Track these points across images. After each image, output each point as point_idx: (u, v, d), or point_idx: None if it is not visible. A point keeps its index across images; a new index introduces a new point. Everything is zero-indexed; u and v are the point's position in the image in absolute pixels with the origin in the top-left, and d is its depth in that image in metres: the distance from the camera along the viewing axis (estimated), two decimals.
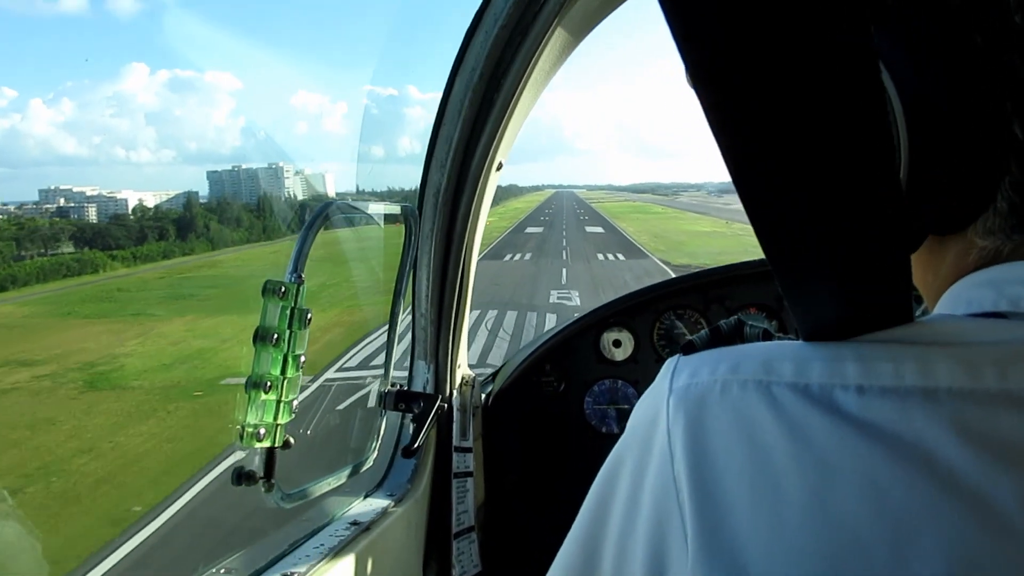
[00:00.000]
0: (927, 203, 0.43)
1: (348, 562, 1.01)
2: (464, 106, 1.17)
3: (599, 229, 45.12)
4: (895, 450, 0.33)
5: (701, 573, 0.37)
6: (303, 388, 0.93)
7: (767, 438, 0.37)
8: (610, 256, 28.13)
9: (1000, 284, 0.40)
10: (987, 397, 0.33)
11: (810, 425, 0.36)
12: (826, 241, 0.35)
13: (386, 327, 1.26)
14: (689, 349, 0.45)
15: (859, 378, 0.36)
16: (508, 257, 28.22)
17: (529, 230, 48.12)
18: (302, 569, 0.93)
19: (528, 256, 28.76)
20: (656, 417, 0.42)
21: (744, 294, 1.71)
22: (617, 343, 1.73)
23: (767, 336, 0.45)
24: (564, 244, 34.35)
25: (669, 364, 0.44)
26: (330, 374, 10.13)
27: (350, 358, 11.04)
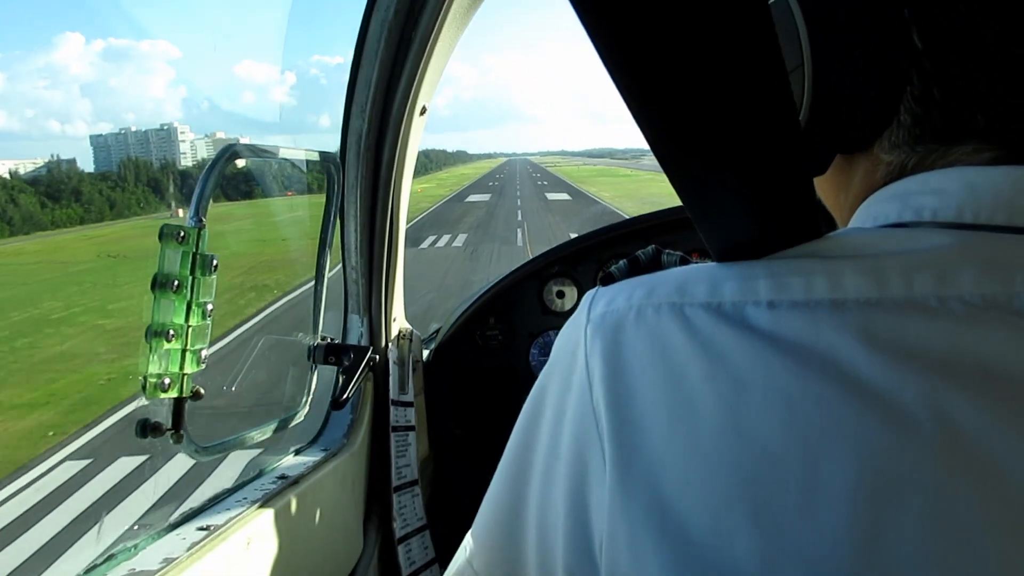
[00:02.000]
0: (833, 122, 0.43)
1: (272, 515, 0.99)
2: (381, 46, 1.12)
3: (564, 196, 36.73)
4: (804, 361, 0.33)
5: (620, 498, 0.37)
6: None
7: (681, 359, 0.36)
8: None
9: (904, 196, 0.40)
10: (893, 305, 0.34)
11: (722, 343, 0.36)
12: (726, 163, 0.35)
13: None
14: (608, 280, 0.45)
15: (770, 294, 0.36)
16: (429, 242, 18.52)
17: (473, 198, 37.68)
18: (219, 522, 0.91)
19: (461, 240, 18.78)
20: (575, 347, 0.42)
21: (689, 239, 1.70)
22: (561, 294, 1.72)
23: (684, 262, 0.45)
24: (520, 218, 24.77)
25: (588, 295, 0.44)
26: None
27: None
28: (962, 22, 0.38)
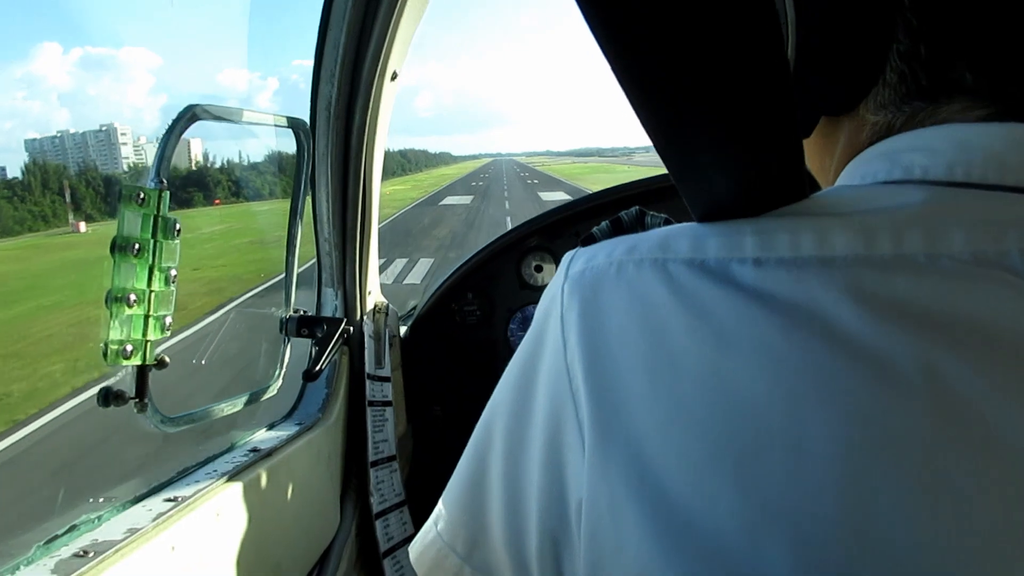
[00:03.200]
0: (817, 82, 0.42)
1: (244, 488, 0.97)
2: (348, 8, 1.10)
3: (562, 195, 29.02)
4: (791, 317, 0.32)
5: (598, 459, 0.35)
6: None
7: (663, 315, 0.35)
8: None
9: (892, 154, 0.39)
10: (882, 262, 0.33)
11: (706, 299, 0.34)
12: (713, 120, 0.33)
13: None
14: (589, 241, 0.43)
15: (756, 251, 0.35)
16: None
17: (450, 200, 31.02)
18: (187, 493, 0.89)
19: (422, 270, 12.94)
20: (551, 305, 0.40)
21: (671, 208, 1.67)
22: (539, 268, 1.70)
23: (668, 224, 0.43)
24: (510, 227, 9.68)
25: (568, 255, 0.42)
26: None
27: None
28: None
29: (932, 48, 0.38)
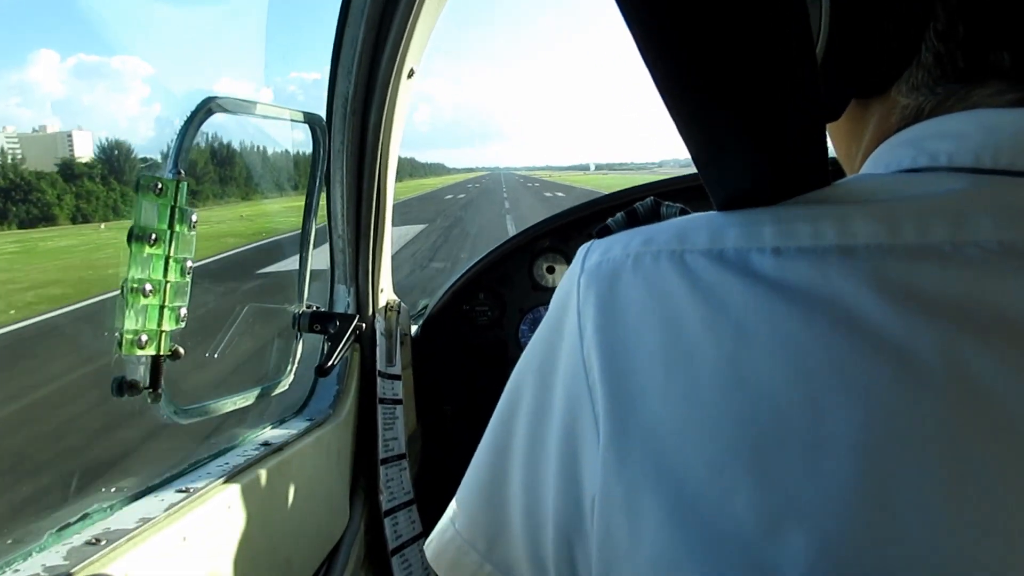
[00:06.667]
0: (850, 61, 0.41)
1: (255, 481, 0.96)
2: (367, 3, 1.10)
3: None
4: (812, 309, 0.31)
5: (613, 454, 0.35)
6: None
7: (680, 307, 0.34)
8: None
9: (918, 141, 0.38)
10: (906, 251, 0.32)
11: (724, 290, 0.34)
12: (736, 98, 0.33)
13: None
14: (604, 232, 0.42)
15: (776, 240, 0.34)
16: None
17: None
18: (199, 485, 0.89)
19: None
20: (567, 298, 0.40)
21: (691, 209, 1.65)
22: (551, 269, 1.70)
23: (684, 215, 0.43)
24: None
25: (583, 247, 0.42)
26: None
27: None
28: None
29: (971, 28, 0.37)
